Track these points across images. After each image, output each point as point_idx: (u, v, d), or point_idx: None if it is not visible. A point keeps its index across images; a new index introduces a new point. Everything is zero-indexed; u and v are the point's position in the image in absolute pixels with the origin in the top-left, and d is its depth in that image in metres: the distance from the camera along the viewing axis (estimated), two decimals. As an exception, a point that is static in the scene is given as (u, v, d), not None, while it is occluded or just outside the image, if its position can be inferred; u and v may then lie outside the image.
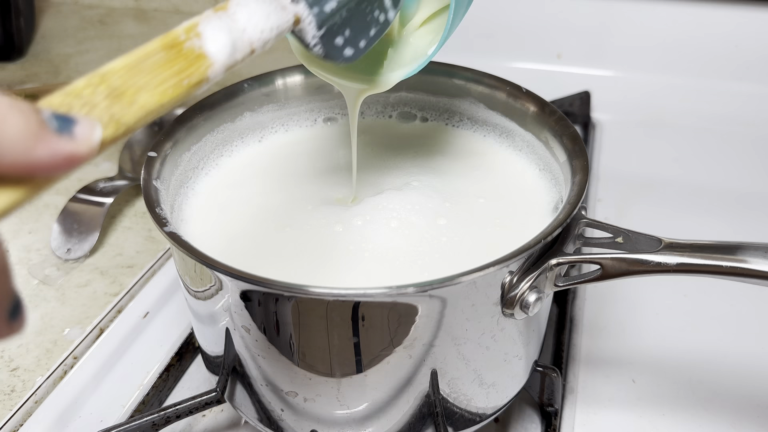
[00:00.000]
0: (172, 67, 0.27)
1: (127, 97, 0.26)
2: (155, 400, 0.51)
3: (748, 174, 0.72)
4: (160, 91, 0.27)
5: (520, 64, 0.87)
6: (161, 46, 0.27)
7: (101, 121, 0.25)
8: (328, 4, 0.32)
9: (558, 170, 0.45)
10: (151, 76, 0.27)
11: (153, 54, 0.27)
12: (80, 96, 0.24)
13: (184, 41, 0.28)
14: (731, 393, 0.49)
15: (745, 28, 0.80)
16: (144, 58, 0.27)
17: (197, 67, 0.28)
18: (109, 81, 0.25)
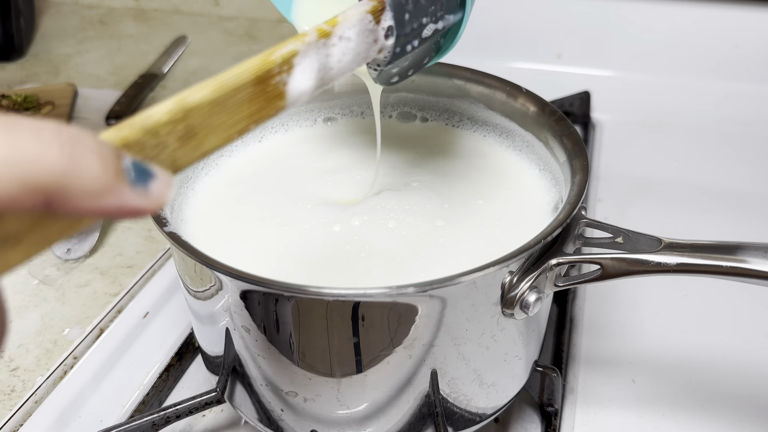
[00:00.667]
0: (250, 108, 0.26)
1: (196, 141, 0.25)
2: (155, 400, 0.51)
3: (748, 174, 0.72)
4: (226, 135, 0.26)
5: (520, 64, 0.87)
6: (253, 80, 0.26)
7: (165, 164, 0.24)
8: (410, 44, 0.33)
9: (558, 170, 0.45)
10: (229, 116, 0.26)
11: (244, 88, 0.26)
12: (157, 135, 0.23)
13: (276, 74, 0.27)
14: (731, 393, 0.49)
15: (745, 28, 0.80)
16: (234, 92, 0.25)
17: (270, 110, 0.27)
18: (190, 119, 0.24)
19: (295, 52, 0.27)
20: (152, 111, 0.23)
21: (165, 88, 0.95)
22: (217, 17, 1.15)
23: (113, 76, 0.98)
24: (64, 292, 0.60)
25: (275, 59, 0.27)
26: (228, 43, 1.05)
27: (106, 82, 0.97)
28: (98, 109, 0.89)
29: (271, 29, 1.11)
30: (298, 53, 0.28)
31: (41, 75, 0.98)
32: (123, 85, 0.95)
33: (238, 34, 1.09)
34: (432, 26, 0.34)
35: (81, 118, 0.87)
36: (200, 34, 1.08)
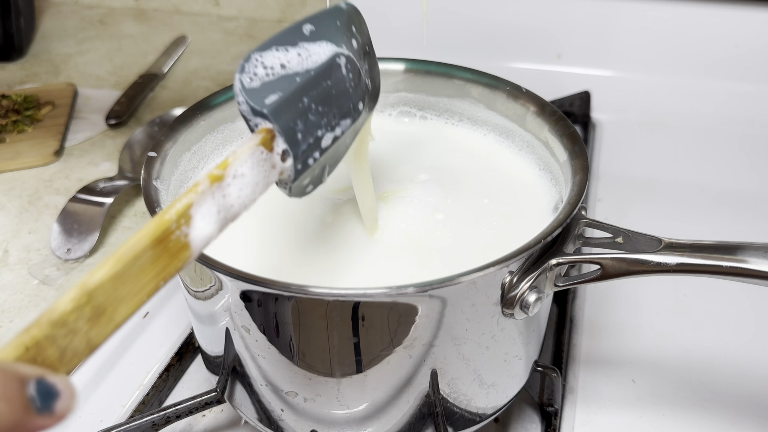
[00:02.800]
0: (155, 268, 0.27)
1: (106, 316, 0.25)
2: (155, 400, 0.51)
3: (748, 174, 0.72)
4: (137, 300, 0.26)
5: (520, 64, 0.87)
6: (151, 243, 0.27)
7: (78, 350, 0.24)
8: (310, 158, 0.33)
9: (558, 170, 0.45)
10: (134, 283, 0.26)
11: (142, 254, 0.26)
12: (65, 324, 0.24)
13: (174, 230, 0.27)
14: (731, 393, 0.49)
15: (745, 28, 0.80)
16: (133, 260, 0.26)
17: (177, 263, 0.28)
18: (94, 300, 0.25)
19: (189, 204, 0.28)
20: (56, 304, 0.24)
21: (165, 88, 0.95)
22: (217, 17, 1.15)
23: (113, 76, 0.98)
24: (64, 292, 0.60)
25: (170, 217, 0.27)
26: (228, 43, 1.05)
27: (106, 82, 0.97)
28: (98, 109, 0.89)
29: (271, 29, 1.11)
30: (193, 204, 0.28)
31: (41, 75, 0.98)
32: (123, 85, 0.95)
33: (238, 34, 1.09)
34: (330, 135, 0.34)
35: (81, 118, 0.87)
36: (200, 34, 1.08)
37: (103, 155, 0.80)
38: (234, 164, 0.30)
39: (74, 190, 0.70)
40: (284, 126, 0.32)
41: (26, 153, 0.79)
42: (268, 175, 0.32)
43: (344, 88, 0.35)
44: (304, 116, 0.33)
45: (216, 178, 0.29)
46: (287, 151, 0.32)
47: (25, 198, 0.73)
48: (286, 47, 0.33)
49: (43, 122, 0.85)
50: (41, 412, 0.22)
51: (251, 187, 0.30)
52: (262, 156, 0.31)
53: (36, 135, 0.82)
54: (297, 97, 0.32)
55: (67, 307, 0.24)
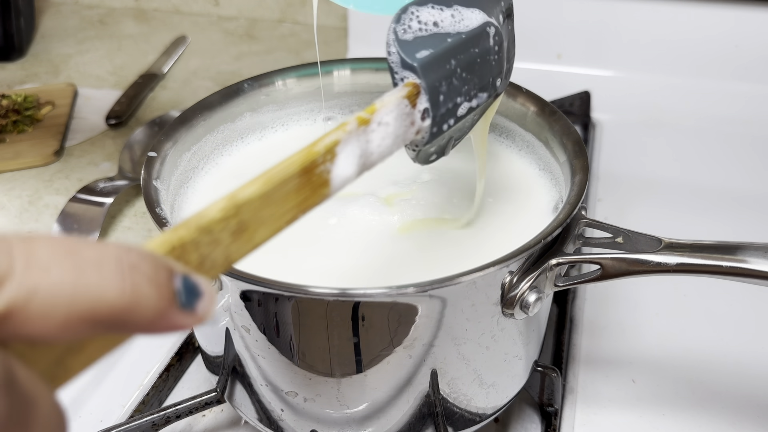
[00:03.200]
0: (297, 197, 0.27)
1: (248, 234, 0.26)
2: (155, 400, 0.51)
3: (748, 174, 0.72)
4: (276, 227, 0.27)
5: (520, 64, 0.87)
6: (299, 171, 0.27)
7: (217, 262, 0.25)
8: (446, 123, 0.34)
9: (558, 170, 0.45)
10: (277, 207, 0.27)
11: (290, 180, 0.27)
12: (211, 232, 0.24)
13: (320, 164, 0.28)
14: (731, 393, 0.49)
15: (745, 28, 0.80)
16: (281, 184, 0.27)
17: (315, 198, 0.28)
18: (241, 214, 0.25)
19: (337, 142, 0.29)
20: (206, 210, 0.24)
21: (165, 88, 0.95)
22: (217, 17, 1.15)
23: (113, 76, 0.98)
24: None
25: (319, 150, 0.28)
26: (228, 43, 1.05)
27: (106, 82, 0.96)
28: (98, 109, 0.89)
29: (271, 29, 1.11)
30: (340, 142, 0.29)
31: (41, 75, 0.98)
32: (123, 85, 0.95)
33: (238, 34, 1.09)
34: (466, 105, 0.35)
35: (81, 118, 0.87)
36: (200, 34, 1.08)
37: (103, 155, 0.80)
38: (381, 111, 0.30)
39: (74, 190, 0.70)
40: (430, 84, 0.32)
41: (26, 153, 0.79)
42: (406, 131, 0.32)
43: (488, 60, 0.35)
44: (449, 79, 0.33)
45: (363, 121, 0.30)
46: (428, 110, 0.32)
47: (25, 198, 0.73)
48: (442, 6, 0.34)
49: (43, 122, 0.85)
50: (185, 307, 0.22)
51: (392, 138, 0.31)
52: (406, 109, 0.31)
53: (36, 135, 0.82)
54: (446, 58, 0.33)
55: (216, 216, 0.24)
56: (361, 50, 0.95)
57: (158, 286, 0.21)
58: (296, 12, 1.12)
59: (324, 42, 1.06)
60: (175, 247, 0.23)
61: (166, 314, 0.21)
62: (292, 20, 1.13)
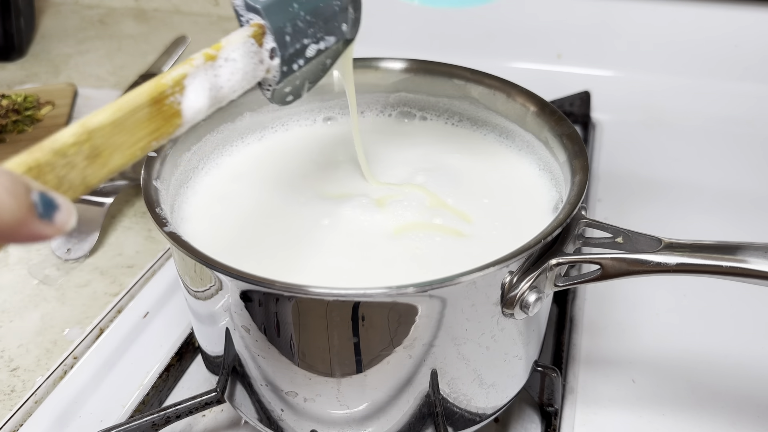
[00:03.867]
0: (149, 126, 0.29)
1: (102, 159, 0.27)
2: (155, 400, 0.51)
3: (748, 174, 0.72)
4: (130, 153, 0.29)
5: (520, 64, 0.87)
6: (149, 100, 0.29)
7: (74, 183, 0.26)
8: (295, 63, 0.36)
9: (558, 170, 0.45)
10: (130, 135, 0.29)
11: (140, 109, 0.29)
12: (65, 155, 0.26)
13: (169, 95, 0.30)
14: (731, 393, 0.49)
15: (745, 28, 0.80)
16: (131, 113, 0.29)
17: (168, 128, 0.30)
18: (94, 140, 0.27)
19: (184, 75, 0.31)
20: (59, 134, 0.26)
21: (165, 88, 0.95)
22: (217, 17, 1.15)
23: (113, 76, 0.98)
24: (64, 292, 0.60)
25: (167, 81, 0.30)
26: (228, 43, 1.05)
27: (106, 82, 0.97)
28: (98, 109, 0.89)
29: (271, 29, 1.11)
30: (188, 75, 0.31)
31: (41, 75, 0.98)
32: (123, 85, 0.95)
33: (238, 34, 1.09)
34: (314, 47, 0.37)
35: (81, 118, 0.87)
36: (200, 34, 1.08)
37: (103, 155, 0.80)
38: (227, 48, 0.33)
39: (74, 190, 0.70)
40: (275, 24, 0.35)
41: (26, 153, 0.79)
42: (256, 68, 0.34)
43: (331, 5, 0.38)
44: (294, 21, 0.36)
45: (210, 57, 0.32)
46: (275, 50, 0.35)
47: (25, 198, 0.73)
48: None
49: (43, 122, 0.85)
50: (43, 218, 0.24)
51: (241, 74, 0.33)
52: (252, 48, 0.34)
53: (36, 135, 0.82)
54: (288, 1, 0.35)
55: (68, 140, 0.26)
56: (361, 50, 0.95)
57: (17, 197, 0.23)
58: (296, 12, 1.12)
59: (324, 42, 1.06)
60: (32, 167, 0.25)
61: (26, 223, 0.23)
62: (292, 20, 1.13)
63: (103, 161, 0.27)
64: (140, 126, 0.29)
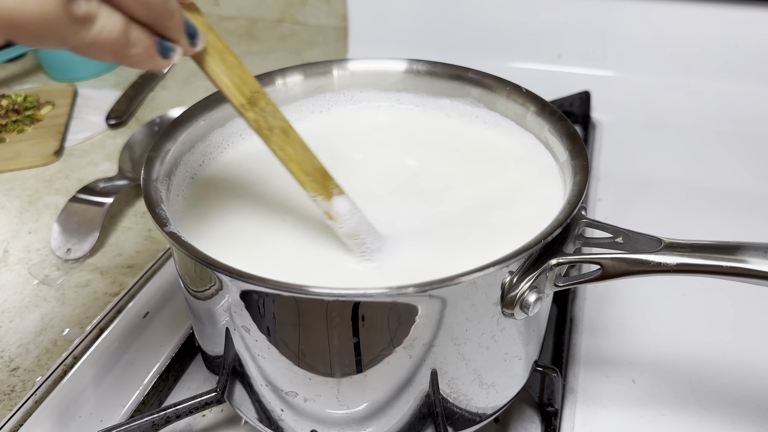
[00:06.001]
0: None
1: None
2: (155, 400, 0.51)
3: (748, 174, 0.72)
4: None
5: (520, 64, 0.87)
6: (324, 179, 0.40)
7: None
8: None
9: (558, 170, 0.45)
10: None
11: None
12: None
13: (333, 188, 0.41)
14: (731, 393, 0.49)
15: (745, 28, 0.80)
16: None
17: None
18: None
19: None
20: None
21: (165, 88, 0.95)
22: (217, 17, 1.15)
23: (113, 76, 0.98)
24: (64, 292, 0.60)
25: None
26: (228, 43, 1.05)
27: (106, 82, 0.97)
28: (98, 109, 0.89)
29: (271, 29, 1.11)
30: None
31: (41, 75, 0.98)
32: (123, 85, 0.95)
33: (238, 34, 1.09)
34: None
35: (81, 118, 0.87)
36: (200, 34, 1.08)
37: (103, 155, 0.80)
38: None
39: (74, 190, 0.70)
40: None
41: (26, 153, 0.79)
42: None
43: None
44: None
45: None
46: None
47: (25, 198, 0.73)
48: None
49: (43, 122, 0.85)
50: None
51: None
52: None
53: (36, 135, 0.82)
54: None
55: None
56: (361, 50, 0.95)
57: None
58: (296, 12, 1.12)
59: (324, 42, 1.06)
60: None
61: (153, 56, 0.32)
62: (292, 20, 1.13)
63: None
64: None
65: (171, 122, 0.46)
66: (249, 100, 0.36)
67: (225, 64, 0.37)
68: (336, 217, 0.40)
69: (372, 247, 0.41)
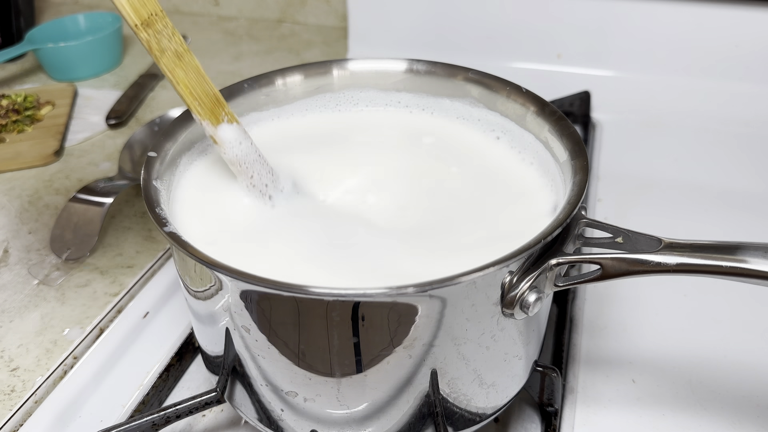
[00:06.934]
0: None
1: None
2: (155, 400, 0.51)
3: (748, 174, 0.72)
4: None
5: (520, 64, 0.87)
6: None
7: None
8: None
9: (558, 170, 0.45)
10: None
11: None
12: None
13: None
14: (731, 393, 0.49)
15: (745, 28, 0.80)
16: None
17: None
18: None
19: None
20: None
21: (165, 88, 0.95)
22: (217, 17, 1.15)
23: (113, 76, 0.98)
24: (64, 292, 0.60)
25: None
26: (228, 43, 1.05)
27: (106, 82, 0.97)
28: (98, 109, 0.89)
29: (271, 29, 1.11)
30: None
31: (41, 75, 0.98)
32: (123, 85, 0.95)
33: (238, 34, 1.09)
34: None
35: (81, 118, 0.87)
36: (200, 34, 1.08)
37: (103, 155, 0.80)
38: None
39: (74, 190, 0.70)
40: None
41: (26, 153, 0.79)
42: None
43: None
44: None
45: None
46: None
47: (25, 198, 0.73)
48: None
49: (43, 122, 0.85)
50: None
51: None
52: None
53: (36, 135, 0.82)
54: None
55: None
56: (361, 50, 0.95)
57: None
58: (296, 12, 1.12)
59: (324, 42, 1.06)
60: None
61: None
62: (292, 20, 1.13)
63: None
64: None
65: (171, 122, 0.46)
66: (144, 22, 0.37)
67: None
68: (220, 143, 0.42)
69: (261, 181, 0.44)
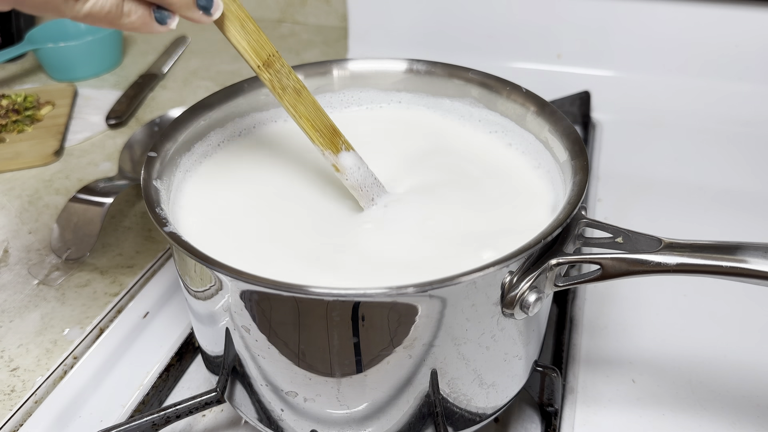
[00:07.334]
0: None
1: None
2: (155, 400, 0.51)
3: (748, 174, 0.72)
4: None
5: (520, 64, 0.87)
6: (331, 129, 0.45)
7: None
8: None
9: (558, 170, 0.45)
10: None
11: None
12: None
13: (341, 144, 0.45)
14: (731, 393, 0.49)
15: (745, 28, 0.80)
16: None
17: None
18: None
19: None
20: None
21: (165, 88, 0.95)
22: (217, 17, 1.15)
23: (113, 76, 0.98)
24: (64, 292, 0.60)
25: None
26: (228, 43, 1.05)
27: (106, 82, 0.97)
28: (98, 109, 0.89)
29: (271, 29, 1.11)
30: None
31: (41, 75, 0.98)
32: (123, 85, 0.95)
33: (238, 34, 1.09)
34: None
35: (81, 118, 0.87)
36: (200, 34, 1.08)
37: (103, 155, 0.80)
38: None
39: (74, 190, 0.70)
40: None
41: (26, 153, 0.79)
42: None
43: None
44: None
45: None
46: None
47: (25, 198, 0.73)
48: None
49: (43, 122, 0.85)
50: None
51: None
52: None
53: (36, 135, 0.82)
54: None
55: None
56: (361, 50, 0.95)
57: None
58: (296, 12, 1.12)
59: (324, 42, 1.06)
60: None
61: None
62: (292, 20, 1.13)
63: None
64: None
65: (171, 122, 0.46)
66: (265, 63, 0.42)
67: (245, 30, 0.41)
68: (342, 170, 0.44)
69: (378, 202, 0.45)
